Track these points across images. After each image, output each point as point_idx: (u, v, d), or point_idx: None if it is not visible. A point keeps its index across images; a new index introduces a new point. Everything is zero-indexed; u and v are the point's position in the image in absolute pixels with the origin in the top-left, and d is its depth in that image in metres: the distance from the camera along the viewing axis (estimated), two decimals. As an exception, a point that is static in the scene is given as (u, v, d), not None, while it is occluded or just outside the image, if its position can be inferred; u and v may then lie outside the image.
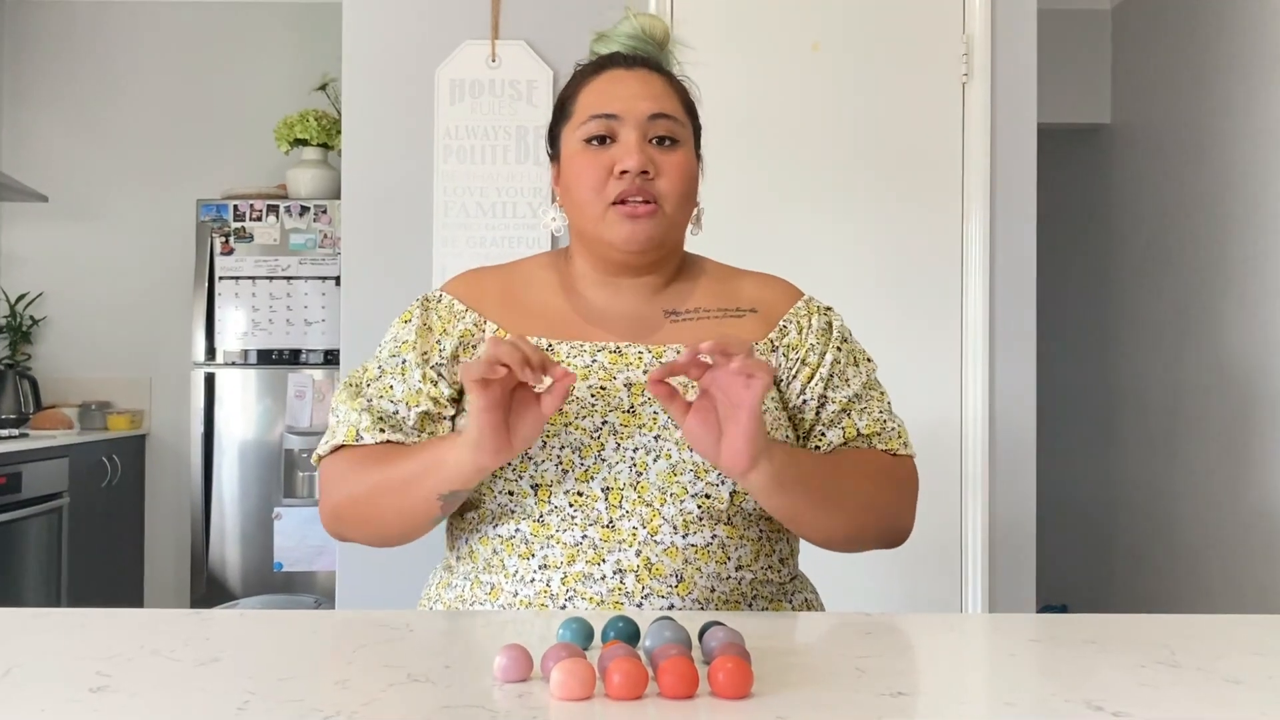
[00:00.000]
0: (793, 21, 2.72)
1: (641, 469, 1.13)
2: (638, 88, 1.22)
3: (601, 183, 1.19)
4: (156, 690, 0.77)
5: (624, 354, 1.20)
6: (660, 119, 1.21)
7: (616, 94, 1.22)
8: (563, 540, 1.12)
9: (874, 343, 1.51)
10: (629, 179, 1.18)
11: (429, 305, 1.26)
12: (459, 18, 2.73)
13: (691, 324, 1.24)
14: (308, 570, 3.50)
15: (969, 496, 2.66)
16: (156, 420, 4.34)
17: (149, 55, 4.36)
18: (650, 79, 1.24)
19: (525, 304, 1.26)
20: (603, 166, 1.19)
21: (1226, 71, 3.39)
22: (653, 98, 1.22)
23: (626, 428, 1.14)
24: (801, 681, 0.80)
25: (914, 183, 2.70)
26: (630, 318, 1.24)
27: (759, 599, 1.17)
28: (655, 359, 1.19)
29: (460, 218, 2.70)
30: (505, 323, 1.23)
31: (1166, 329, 3.77)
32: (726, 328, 1.23)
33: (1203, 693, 0.78)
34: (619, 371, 1.18)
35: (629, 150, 1.19)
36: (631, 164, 1.18)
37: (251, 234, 3.78)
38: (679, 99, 1.25)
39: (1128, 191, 4.13)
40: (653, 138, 1.21)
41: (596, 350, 1.20)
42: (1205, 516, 3.47)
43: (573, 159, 1.23)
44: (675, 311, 1.25)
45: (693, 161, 1.24)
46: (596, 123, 1.21)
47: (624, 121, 1.20)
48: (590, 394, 1.16)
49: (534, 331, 1.22)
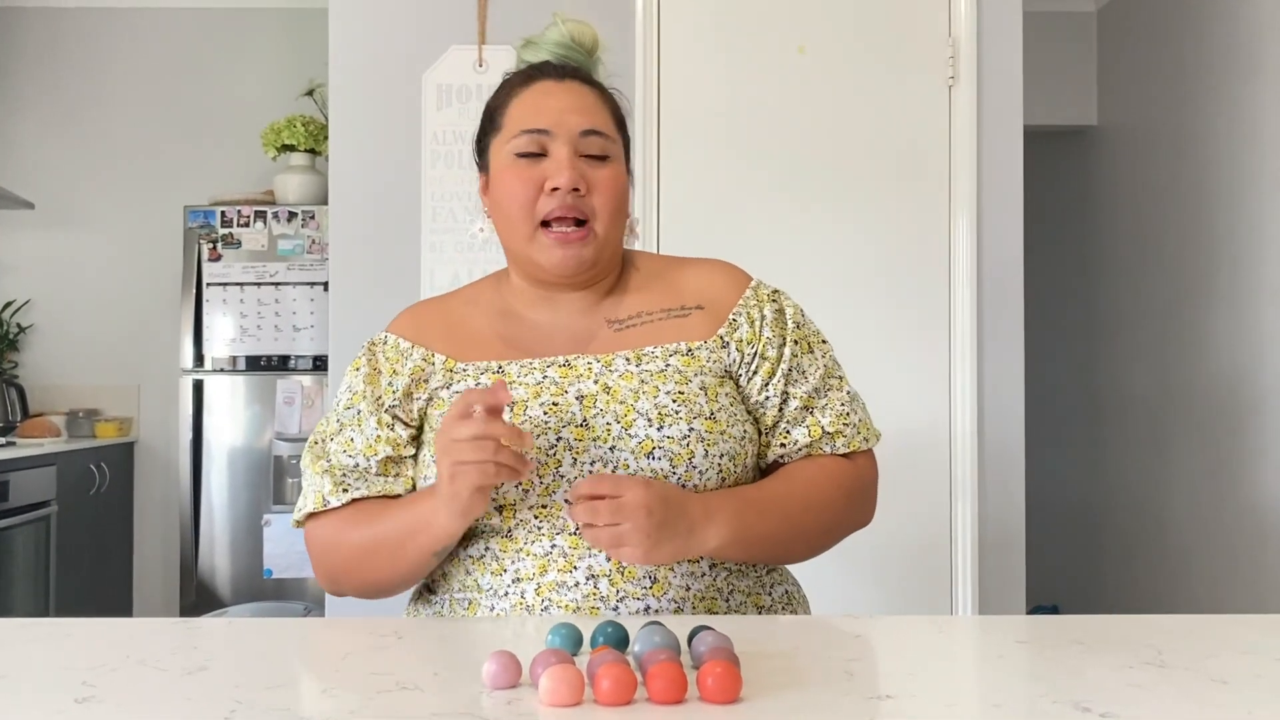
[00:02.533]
0: (778, 24, 2.73)
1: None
2: (569, 101, 1.21)
3: (531, 200, 1.19)
4: (143, 700, 0.77)
5: (574, 366, 1.19)
6: (592, 135, 1.20)
7: (547, 107, 1.20)
8: (532, 551, 1.12)
9: (862, 344, 1.52)
10: (560, 196, 1.17)
11: (374, 349, 1.27)
12: (446, 23, 2.73)
13: (636, 330, 1.23)
14: (298, 577, 3.48)
15: (958, 498, 2.67)
16: (145, 428, 4.33)
17: (136, 61, 4.34)
18: (582, 92, 1.23)
19: (469, 332, 1.26)
20: (533, 182, 1.18)
21: (1212, 73, 3.40)
22: (584, 111, 1.21)
23: (581, 442, 1.13)
24: (790, 685, 0.80)
25: (901, 185, 2.71)
26: (573, 332, 1.23)
27: (735, 593, 1.17)
28: (605, 367, 1.18)
29: (448, 223, 2.70)
30: (453, 352, 1.23)
31: (1153, 329, 3.79)
32: (671, 329, 1.22)
33: (1190, 693, 0.79)
34: (570, 385, 1.17)
35: (560, 167, 1.18)
36: (563, 181, 1.17)
37: (239, 240, 3.77)
38: (610, 113, 1.25)
39: (1114, 192, 4.14)
40: (584, 154, 1.20)
41: (546, 366, 1.19)
42: (1193, 515, 3.49)
43: (502, 173, 1.21)
44: (618, 320, 1.24)
45: (623, 176, 1.23)
46: (527, 138, 1.20)
47: (555, 137, 1.19)
48: (543, 411, 1.15)
49: (482, 357, 1.22)
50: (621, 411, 1.14)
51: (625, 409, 1.14)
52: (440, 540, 1.11)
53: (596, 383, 1.17)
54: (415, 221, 2.71)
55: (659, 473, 1.12)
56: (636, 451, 1.13)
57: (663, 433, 1.13)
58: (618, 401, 1.15)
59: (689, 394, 1.16)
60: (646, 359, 1.19)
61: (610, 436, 1.13)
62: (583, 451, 1.13)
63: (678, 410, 1.14)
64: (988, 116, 2.69)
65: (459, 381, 1.21)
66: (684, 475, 1.13)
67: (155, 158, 4.33)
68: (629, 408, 1.14)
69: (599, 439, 1.13)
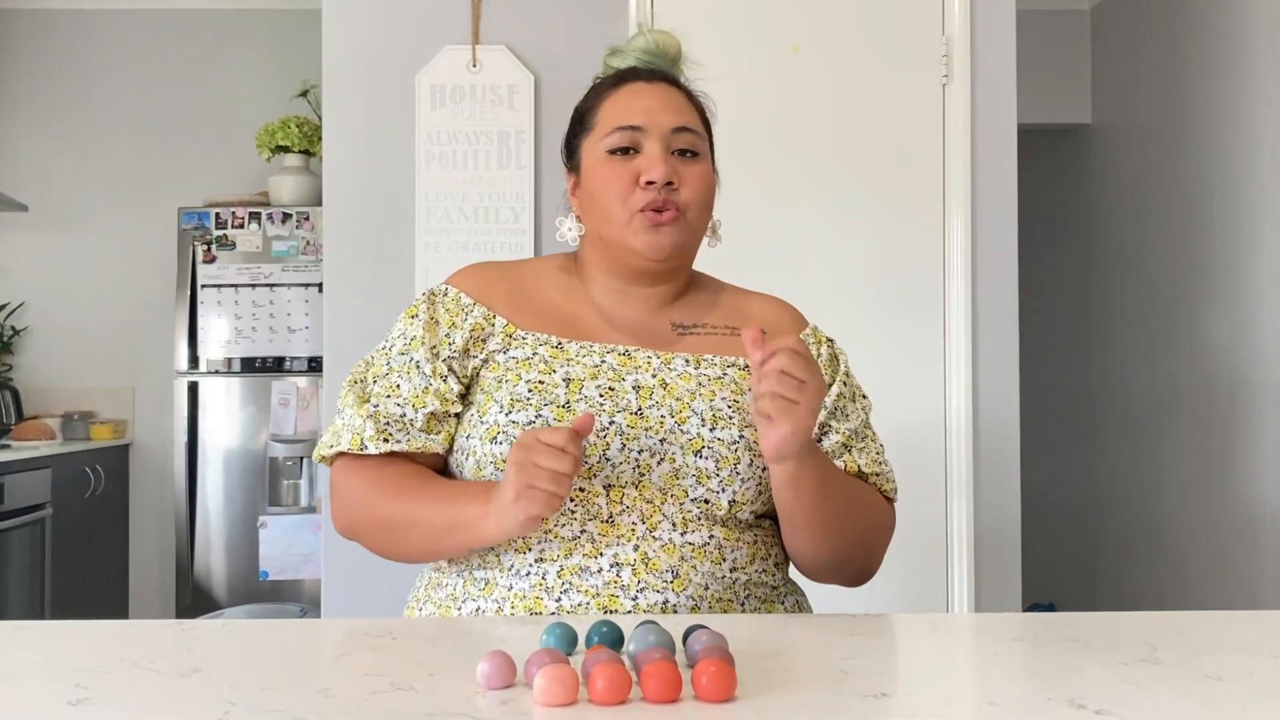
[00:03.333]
0: (773, 24, 2.73)
1: (645, 470, 1.14)
2: (660, 100, 1.25)
3: (627, 192, 1.21)
4: (136, 702, 0.77)
5: (633, 357, 1.21)
6: (683, 132, 1.24)
7: (639, 106, 1.24)
8: (560, 534, 1.12)
9: (857, 343, 1.52)
10: (654, 189, 1.20)
11: (435, 299, 1.26)
12: (439, 23, 2.73)
13: (699, 338, 1.26)
14: (294, 579, 3.48)
15: (954, 496, 2.67)
16: (140, 430, 4.32)
17: (129, 64, 4.34)
18: (670, 93, 1.27)
19: (535, 301, 1.26)
20: (628, 177, 1.21)
21: (1206, 70, 3.41)
22: (675, 110, 1.25)
23: (633, 429, 1.14)
24: (785, 684, 0.80)
25: (895, 184, 2.71)
26: (639, 326, 1.26)
27: (751, 599, 1.18)
28: (664, 364, 1.21)
29: (442, 223, 2.70)
30: (514, 318, 1.24)
31: (1148, 327, 3.79)
32: (732, 345, 1.25)
33: (1185, 689, 0.79)
34: (628, 374, 1.19)
35: (654, 161, 1.21)
36: (657, 174, 1.20)
37: (234, 241, 3.77)
38: (697, 113, 1.29)
39: (1108, 191, 4.15)
40: (675, 150, 1.23)
41: (606, 351, 1.21)
42: (1188, 512, 3.49)
43: (596, 169, 1.24)
44: (683, 325, 1.27)
45: (711, 173, 1.27)
46: (621, 134, 1.23)
47: (648, 133, 1.23)
48: (599, 393, 1.16)
49: (544, 329, 1.23)
50: (677, 407, 1.16)
51: (680, 405, 1.17)
52: (483, 543, 1.12)
53: (655, 376, 1.19)
54: (410, 222, 2.71)
55: (703, 471, 1.14)
56: (685, 448, 1.14)
57: (714, 434, 1.15)
58: (674, 397, 1.17)
59: (743, 404, 1.19)
60: (705, 364, 1.22)
61: (663, 429, 1.15)
62: (633, 439, 1.14)
63: (731, 416, 1.17)
64: (981, 115, 2.69)
65: (516, 348, 1.21)
66: (726, 479, 1.15)
67: (149, 160, 4.33)
68: (684, 404, 1.17)
69: (651, 429, 1.15)
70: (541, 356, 1.19)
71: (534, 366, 1.18)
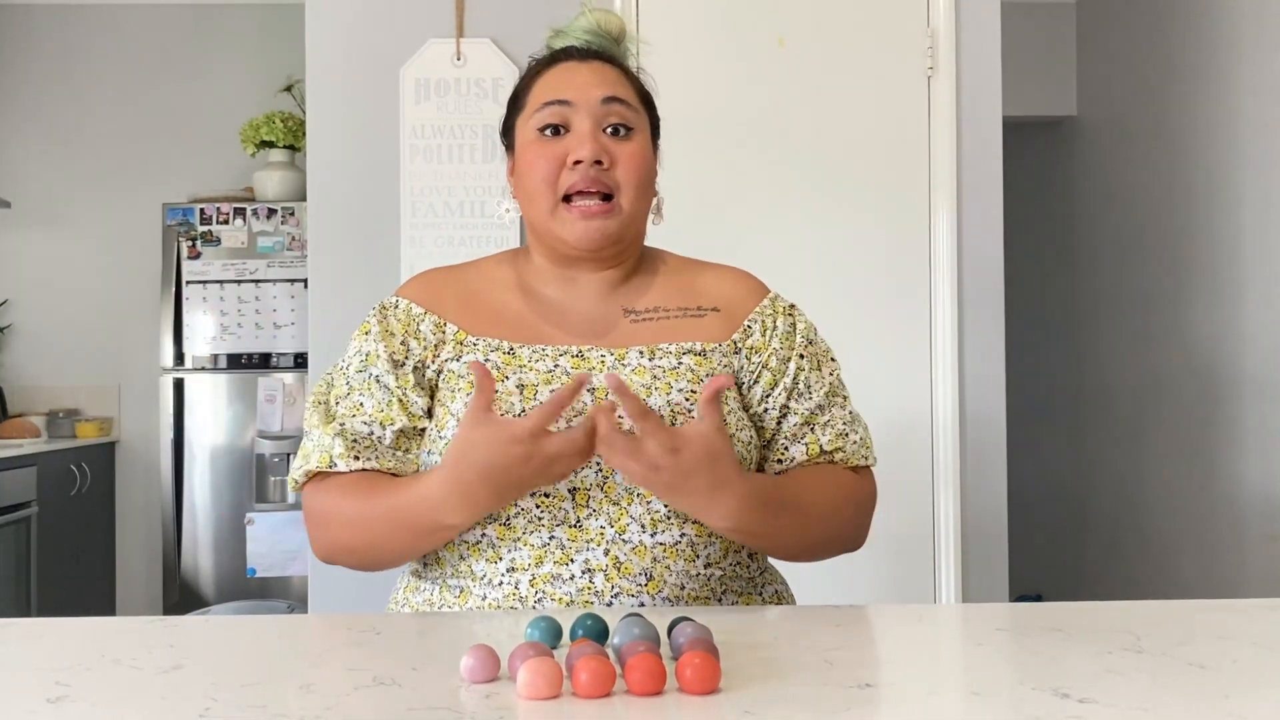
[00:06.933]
0: (758, 16, 2.73)
1: (608, 472, 1.11)
2: (591, 76, 1.22)
3: (554, 174, 1.18)
4: (116, 699, 0.76)
5: (586, 358, 1.18)
6: (614, 103, 1.20)
7: (570, 82, 1.21)
8: (530, 542, 1.10)
9: (842, 336, 1.52)
10: (582, 169, 1.17)
11: (386, 312, 1.24)
12: (423, 16, 2.72)
13: (651, 324, 1.22)
14: (281, 576, 3.46)
15: (940, 488, 2.67)
16: (125, 427, 4.30)
17: (112, 59, 4.31)
18: (604, 69, 1.24)
19: (484, 305, 1.24)
20: (555, 158, 1.19)
21: (1190, 63, 3.42)
22: (605, 84, 1.21)
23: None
24: (769, 675, 0.80)
25: (880, 176, 2.71)
26: (589, 317, 1.23)
27: (729, 593, 1.17)
28: (617, 361, 1.18)
29: (428, 217, 2.69)
30: (465, 324, 1.22)
31: (1133, 319, 3.81)
32: (686, 327, 1.22)
33: (1167, 678, 0.79)
34: None
35: (582, 139, 1.18)
36: (585, 153, 1.17)
37: (218, 237, 3.75)
38: (633, 88, 1.25)
39: (1093, 183, 4.16)
40: (607, 126, 1.20)
41: (559, 355, 1.18)
42: (1174, 504, 3.51)
43: (526, 149, 1.22)
44: (634, 310, 1.23)
45: (648, 150, 1.23)
46: (549, 110, 1.20)
47: (576, 108, 1.19)
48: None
49: (494, 334, 1.21)
50: None
51: None
52: (455, 534, 1.11)
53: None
54: (394, 216, 2.70)
55: None
56: None
57: (674, 428, 1.12)
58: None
59: (700, 394, 1.15)
60: (660, 355, 1.19)
61: (622, 429, 1.12)
62: None
63: (690, 409, 1.14)
64: (967, 107, 2.70)
65: (468, 354, 1.19)
66: None
67: (133, 155, 4.30)
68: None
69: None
70: (494, 364, 1.17)
71: None
